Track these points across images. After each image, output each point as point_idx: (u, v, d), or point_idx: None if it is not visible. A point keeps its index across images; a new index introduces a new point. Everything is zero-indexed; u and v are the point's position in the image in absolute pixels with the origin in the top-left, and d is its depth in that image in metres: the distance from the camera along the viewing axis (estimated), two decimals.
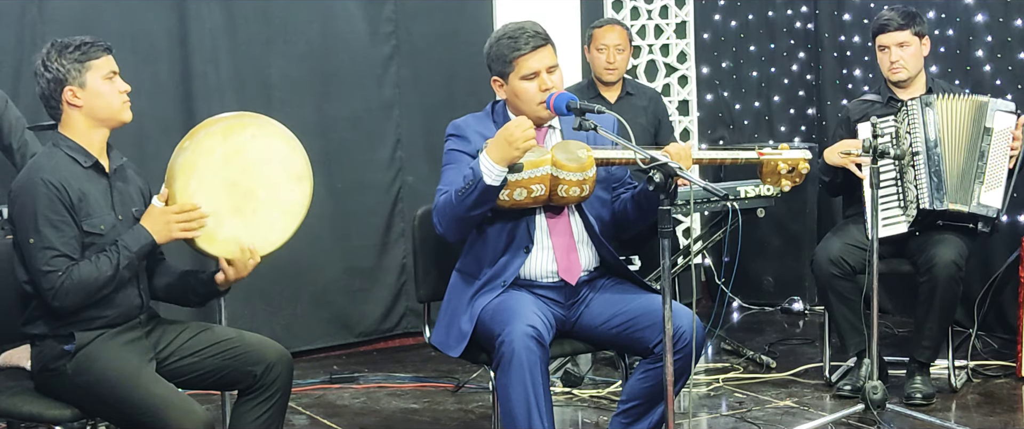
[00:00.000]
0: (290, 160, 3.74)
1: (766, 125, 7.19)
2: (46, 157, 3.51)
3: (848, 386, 5.04)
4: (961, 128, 4.88)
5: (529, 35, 3.83)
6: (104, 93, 3.52)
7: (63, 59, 3.49)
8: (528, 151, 3.63)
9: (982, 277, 5.67)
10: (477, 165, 3.64)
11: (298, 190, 3.75)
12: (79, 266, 3.41)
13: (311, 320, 5.98)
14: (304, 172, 3.76)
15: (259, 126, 3.71)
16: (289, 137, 3.75)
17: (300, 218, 3.76)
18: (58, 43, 3.53)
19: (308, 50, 5.89)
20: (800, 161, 3.83)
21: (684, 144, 3.78)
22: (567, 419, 4.91)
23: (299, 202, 3.75)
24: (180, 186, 3.54)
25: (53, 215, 3.40)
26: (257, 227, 3.67)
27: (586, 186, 3.74)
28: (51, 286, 3.39)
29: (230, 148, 3.63)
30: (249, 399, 3.61)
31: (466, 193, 3.67)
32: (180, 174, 3.56)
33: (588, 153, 3.73)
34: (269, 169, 3.70)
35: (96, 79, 3.51)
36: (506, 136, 3.61)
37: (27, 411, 3.50)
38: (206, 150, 3.59)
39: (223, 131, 3.64)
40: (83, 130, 3.53)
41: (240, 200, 3.64)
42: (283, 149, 3.73)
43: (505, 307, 3.75)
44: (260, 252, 3.67)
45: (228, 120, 3.69)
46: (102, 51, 3.54)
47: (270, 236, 3.71)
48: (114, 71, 3.56)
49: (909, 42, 4.97)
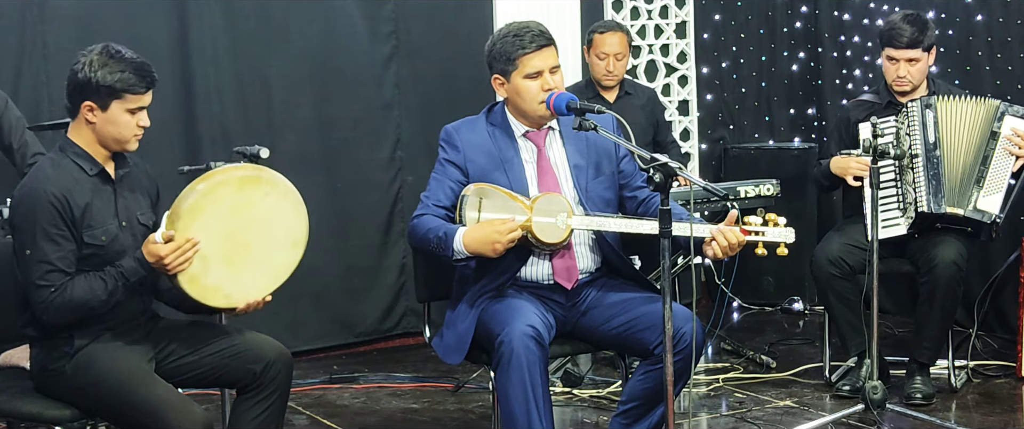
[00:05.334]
0: (293, 226, 3.69)
1: (766, 125, 7.19)
2: (51, 164, 3.49)
3: (848, 386, 5.04)
4: (965, 130, 4.85)
5: (534, 34, 3.84)
6: (121, 124, 3.47)
7: (102, 75, 3.41)
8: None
9: (982, 277, 5.67)
10: (452, 237, 3.71)
11: (291, 254, 3.70)
12: (74, 284, 3.39)
13: (311, 320, 5.98)
14: (301, 238, 3.71)
15: (274, 185, 3.65)
16: (299, 203, 3.70)
17: (282, 280, 3.72)
18: (109, 52, 3.44)
19: (308, 50, 5.88)
20: (780, 245, 3.74)
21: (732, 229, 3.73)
22: (567, 419, 4.91)
23: (287, 265, 3.70)
24: (182, 227, 3.49)
25: (52, 229, 3.38)
26: (241, 279, 3.61)
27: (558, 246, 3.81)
28: (43, 300, 3.38)
29: (240, 200, 3.58)
30: (248, 398, 3.61)
31: (435, 246, 3.76)
32: (185, 215, 3.50)
33: (567, 226, 3.76)
34: (271, 229, 3.64)
35: (120, 110, 3.45)
36: (491, 240, 3.66)
37: (27, 411, 3.51)
38: (217, 199, 3.54)
39: (239, 181, 3.59)
40: (89, 141, 3.52)
41: (233, 250, 3.58)
42: (290, 215, 3.68)
43: (505, 307, 3.75)
44: (237, 304, 3.63)
45: (248, 171, 3.65)
46: (143, 87, 3.46)
47: (250, 291, 3.64)
48: (143, 107, 3.49)
49: (919, 58, 4.94)
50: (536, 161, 3.92)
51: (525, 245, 3.77)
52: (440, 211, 3.84)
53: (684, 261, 5.64)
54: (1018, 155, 4.82)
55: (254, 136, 5.36)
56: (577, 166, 3.93)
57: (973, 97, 4.92)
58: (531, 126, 3.93)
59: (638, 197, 3.99)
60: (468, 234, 3.69)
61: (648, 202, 3.97)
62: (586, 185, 3.91)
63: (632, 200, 4.00)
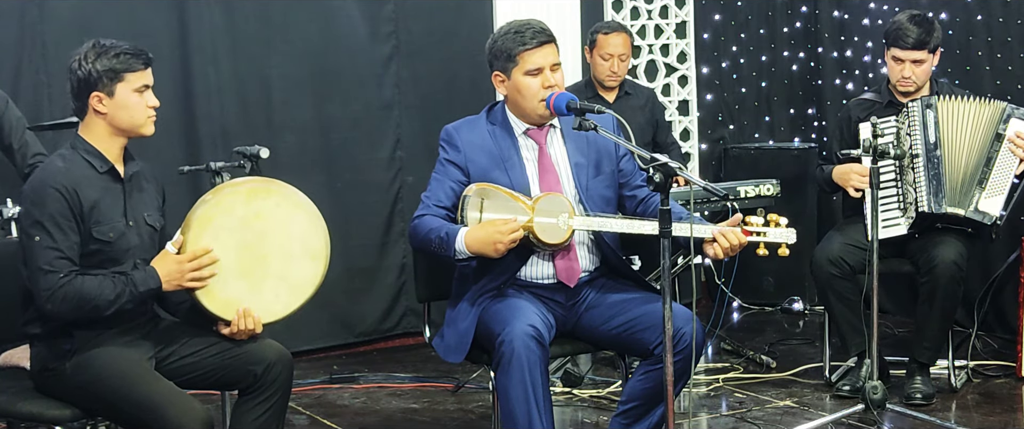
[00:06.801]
0: (310, 236, 3.67)
1: (766, 125, 7.19)
2: (62, 159, 3.50)
3: (848, 386, 5.04)
4: (967, 131, 4.85)
5: (535, 31, 3.84)
6: (131, 106, 3.49)
7: (98, 64, 3.45)
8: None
9: (982, 277, 5.67)
10: (453, 237, 3.71)
11: (311, 268, 3.67)
12: (85, 278, 3.41)
13: (311, 320, 5.97)
14: (321, 251, 3.68)
15: (285, 195, 3.64)
16: (314, 213, 3.68)
17: (307, 296, 3.68)
18: (99, 45, 3.48)
19: (308, 50, 5.88)
20: (781, 245, 3.75)
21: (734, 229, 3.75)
22: (567, 419, 4.91)
23: (309, 280, 3.67)
24: (192, 237, 3.50)
25: (61, 219, 3.40)
26: (262, 295, 3.60)
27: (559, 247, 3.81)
28: (49, 287, 3.38)
29: (251, 211, 3.57)
30: (249, 399, 3.61)
31: (436, 246, 3.76)
32: (195, 225, 3.51)
33: (568, 227, 3.76)
34: (287, 240, 3.62)
35: (126, 91, 3.48)
36: (492, 240, 3.66)
37: (27, 411, 3.51)
38: (226, 208, 3.54)
39: (247, 193, 3.59)
40: (102, 136, 3.53)
41: (250, 264, 3.58)
42: (305, 223, 3.66)
43: (505, 307, 3.75)
44: (261, 321, 3.61)
45: (255, 183, 3.65)
46: (140, 64, 3.50)
47: (273, 307, 3.63)
48: (147, 85, 3.52)
49: (924, 60, 4.94)
50: (537, 159, 3.92)
51: (526, 245, 3.77)
52: (441, 211, 3.84)
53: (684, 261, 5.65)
54: (1022, 157, 4.82)
55: (254, 136, 5.36)
56: (578, 164, 3.93)
57: (976, 98, 4.92)
58: (531, 124, 3.93)
59: (637, 196, 3.99)
60: (470, 234, 3.70)
61: (647, 202, 3.97)
62: (586, 184, 3.91)
63: (631, 199, 4.00)
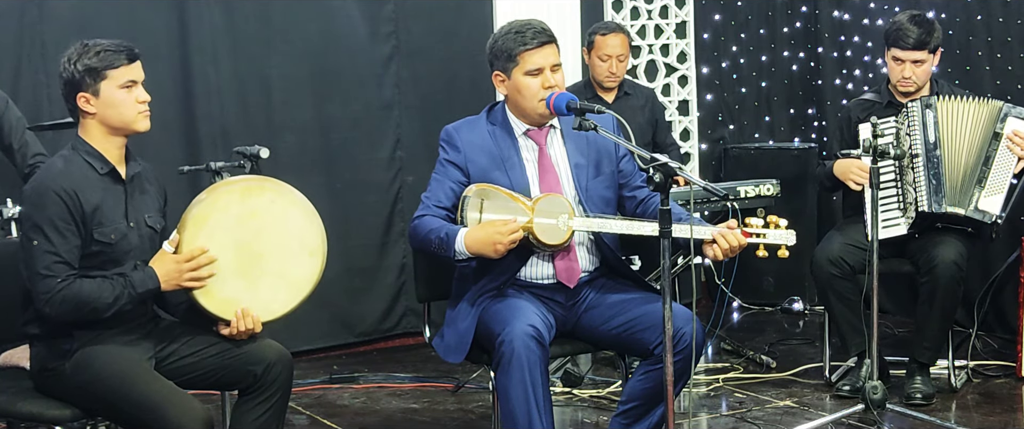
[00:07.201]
0: (306, 232, 3.66)
1: (766, 125, 7.19)
2: (63, 161, 3.50)
3: (848, 386, 5.04)
4: (966, 131, 4.84)
5: (536, 31, 3.84)
6: (119, 103, 3.47)
7: (79, 64, 3.44)
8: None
9: (982, 277, 5.67)
10: (453, 238, 3.71)
11: (308, 265, 3.66)
12: (83, 281, 3.40)
13: (311, 320, 5.97)
14: (318, 247, 3.67)
15: (279, 192, 3.64)
16: (309, 210, 3.68)
17: (305, 294, 3.68)
18: (82, 45, 3.48)
19: (308, 50, 5.88)
20: (781, 247, 3.75)
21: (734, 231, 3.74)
22: (567, 419, 4.91)
23: (307, 278, 3.67)
24: (188, 236, 3.49)
25: (60, 222, 3.39)
26: (260, 293, 3.60)
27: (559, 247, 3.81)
28: (48, 291, 3.38)
29: (246, 209, 3.57)
30: (249, 399, 3.61)
31: (436, 247, 3.76)
32: (190, 224, 3.51)
33: (568, 227, 3.76)
34: (283, 238, 3.62)
35: (111, 88, 3.46)
36: (492, 241, 3.66)
37: (27, 411, 3.51)
38: (221, 206, 3.54)
39: (242, 191, 3.58)
40: (99, 136, 3.52)
41: (247, 263, 3.57)
42: (301, 220, 3.66)
43: (505, 307, 3.75)
44: (260, 321, 3.61)
45: (249, 181, 3.65)
46: (123, 59, 3.47)
47: (272, 306, 3.63)
48: (134, 80, 3.50)
49: (924, 60, 4.94)
50: (537, 159, 3.92)
51: (526, 246, 3.77)
52: (441, 212, 3.84)
53: (684, 261, 5.65)
54: (1020, 156, 4.81)
55: (254, 136, 5.36)
56: (578, 165, 3.93)
57: (974, 97, 4.92)
58: (531, 124, 3.93)
59: (637, 197, 3.99)
60: (470, 235, 3.70)
61: (647, 202, 3.97)
62: (586, 184, 3.91)
63: (631, 200, 4.00)
